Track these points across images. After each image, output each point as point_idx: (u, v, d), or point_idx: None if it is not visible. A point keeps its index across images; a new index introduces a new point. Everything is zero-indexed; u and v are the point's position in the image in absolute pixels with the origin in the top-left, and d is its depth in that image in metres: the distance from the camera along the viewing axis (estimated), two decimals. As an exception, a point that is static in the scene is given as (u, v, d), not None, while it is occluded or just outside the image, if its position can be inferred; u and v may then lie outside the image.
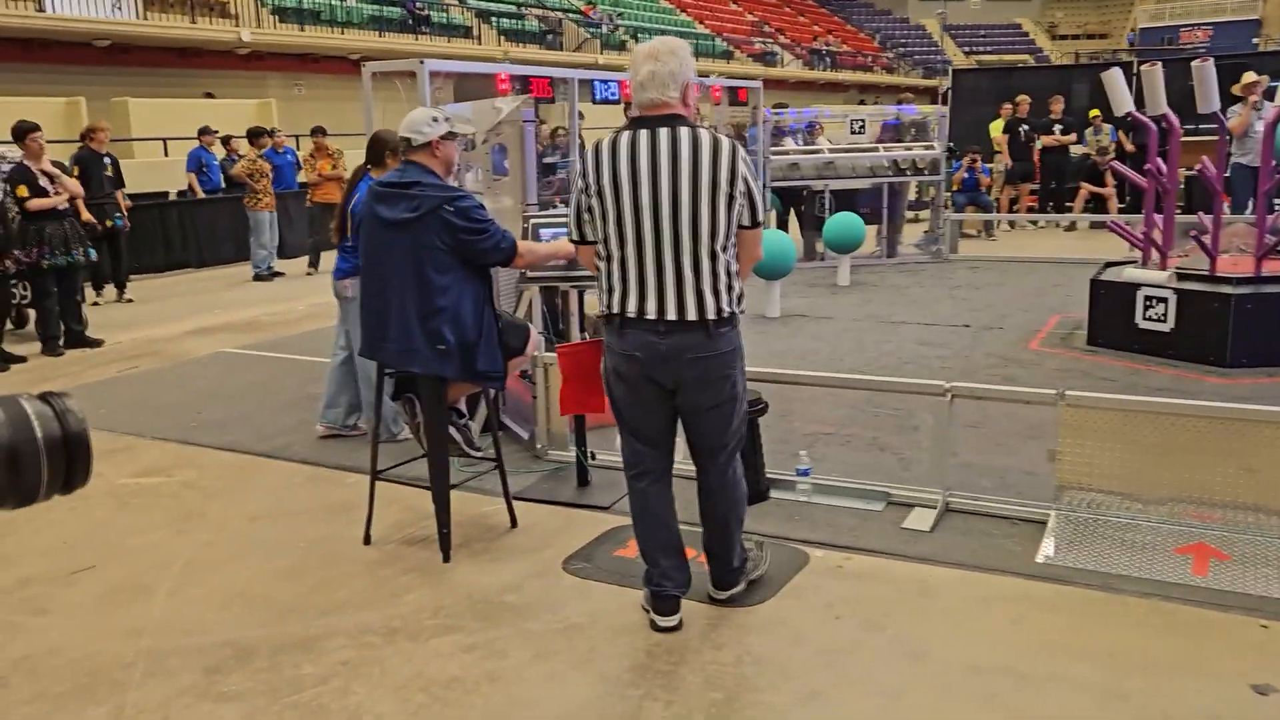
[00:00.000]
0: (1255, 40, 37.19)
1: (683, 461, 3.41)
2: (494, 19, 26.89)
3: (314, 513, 4.49)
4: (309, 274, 12.56)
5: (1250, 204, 9.69)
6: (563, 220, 4.52)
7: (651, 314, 3.07)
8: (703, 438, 3.28)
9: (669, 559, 3.31)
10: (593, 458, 4.66)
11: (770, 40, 37.66)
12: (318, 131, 12.48)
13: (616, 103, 9.14)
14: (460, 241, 3.72)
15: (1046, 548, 3.78)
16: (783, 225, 12.08)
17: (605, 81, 8.88)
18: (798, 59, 37.41)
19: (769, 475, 4.44)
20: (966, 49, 43.78)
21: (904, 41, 43.91)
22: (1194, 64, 6.44)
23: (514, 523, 4.20)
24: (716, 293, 3.06)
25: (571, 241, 3.34)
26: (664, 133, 3.04)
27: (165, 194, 13.98)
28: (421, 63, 6.00)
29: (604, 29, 29.92)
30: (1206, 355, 6.30)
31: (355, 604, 3.58)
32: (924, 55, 40.71)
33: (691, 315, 3.05)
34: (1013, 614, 3.36)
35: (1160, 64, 7.03)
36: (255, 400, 6.45)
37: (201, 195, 13.57)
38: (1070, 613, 3.36)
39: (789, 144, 12.48)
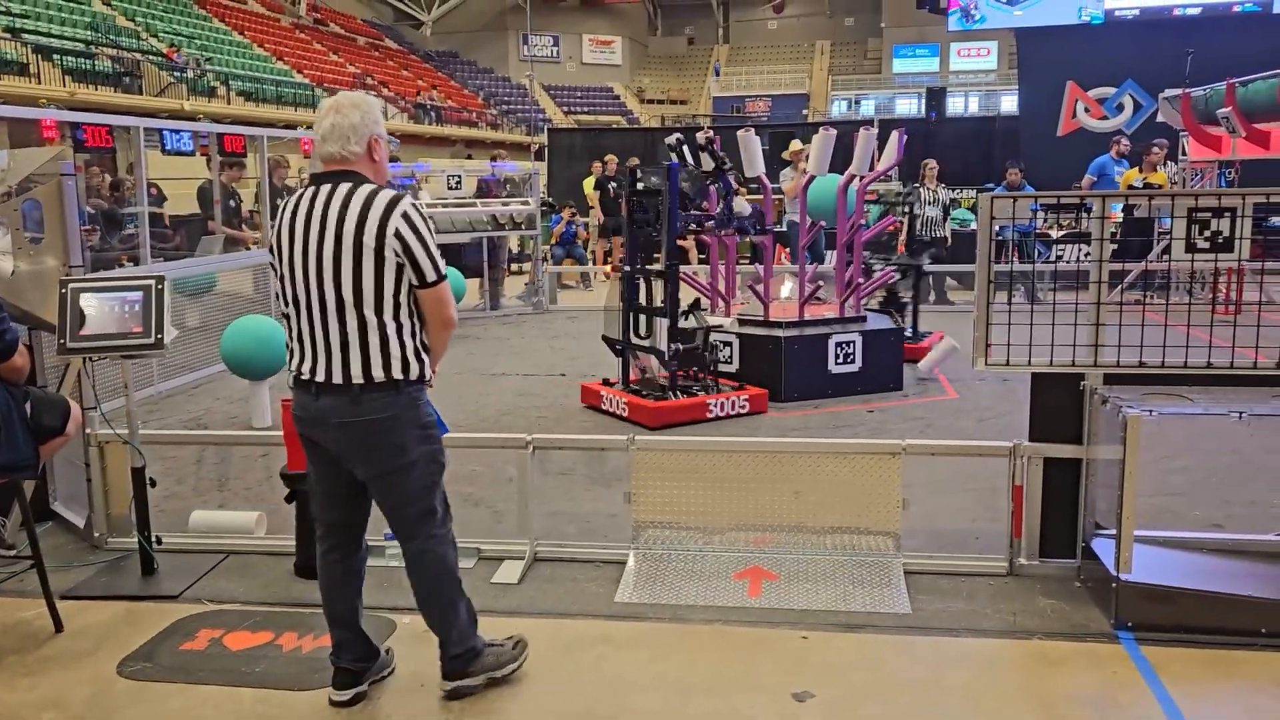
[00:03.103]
0: (804, 111, 42.77)
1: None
2: (57, 57, 24.15)
3: None
4: None
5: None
6: (112, 284, 4.10)
7: (305, 374, 2.99)
8: (379, 506, 3.14)
9: (340, 631, 3.18)
10: (159, 542, 4.24)
11: (374, 92, 37.28)
12: None
13: (190, 154, 8.58)
14: None
15: (625, 587, 3.98)
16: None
17: (176, 131, 8.29)
18: (403, 112, 37.35)
19: (358, 542, 4.29)
20: (565, 109, 46.14)
21: (507, 99, 45.40)
22: (739, 134, 7.25)
23: (58, 627, 3.69)
24: (367, 356, 2.92)
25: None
26: (325, 190, 2.94)
27: None
28: (-64, 105, 5.24)
29: (189, 74, 27.96)
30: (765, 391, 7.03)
31: None
32: (526, 113, 42.23)
33: (338, 379, 2.94)
34: (594, 655, 3.49)
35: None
36: None
37: None
38: (646, 647, 3.55)
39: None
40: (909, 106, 40.80)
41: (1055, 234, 12.49)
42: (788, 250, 12.63)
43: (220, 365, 7.36)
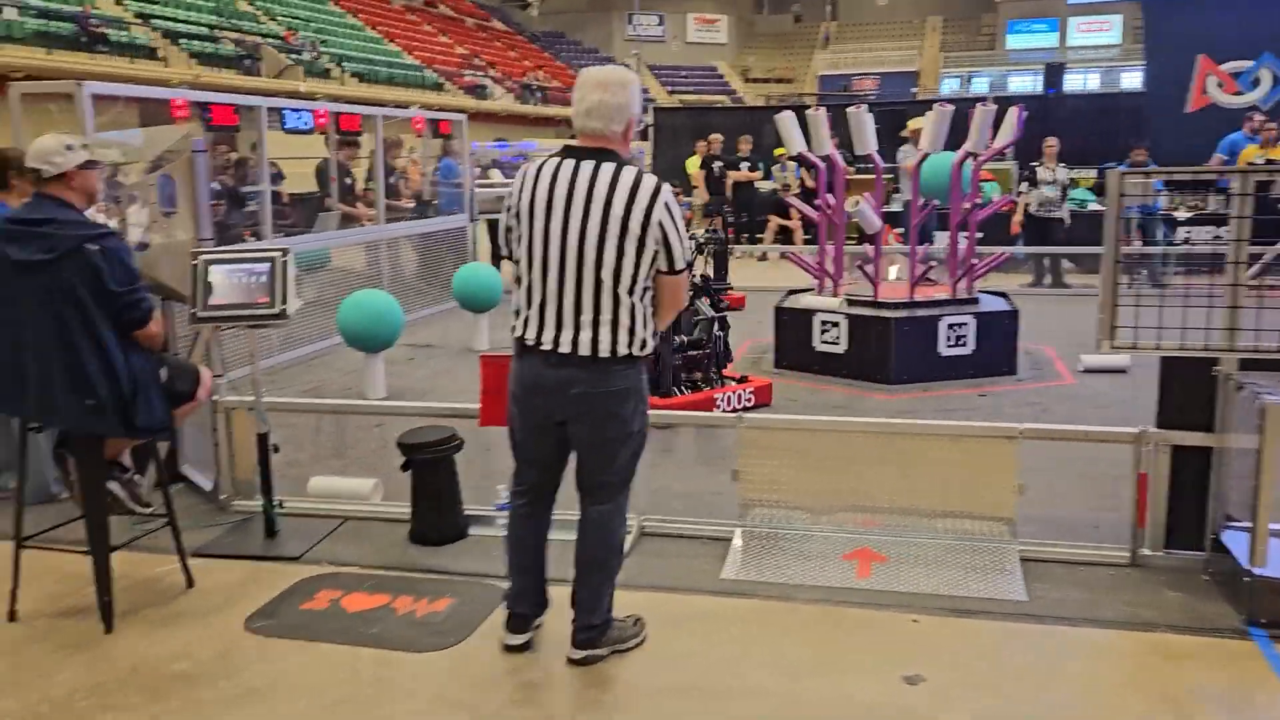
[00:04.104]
0: (914, 90, 41.74)
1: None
2: (183, 40, 25.16)
3: (-52, 590, 3.93)
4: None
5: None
6: (240, 257, 4.26)
7: (546, 344, 3.04)
8: (583, 472, 3.20)
9: (522, 579, 3.31)
10: (281, 505, 4.40)
11: (481, 73, 37.80)
12: None
13: (309, 132, 8.84)
14: (101, 287, 3.38)
15: (732, 564, 3.98)
16: (495, 258, 12.08)
17: (296, 110, 8.55)
18: (509, 93, 37.79)
19: (469, 512, 4.39)
20: (669, 88, 46.01)
21: (611, 79, 45.60)
22: (849, 111, 7.10)
23: (190, 583, 3.88)
24: (614, 332, 3.00)
25: (501, 257, 3.21)
26: (588, 165, 2.98)
27: None
28: (80, 85, 5.52)
29: (306, 56, 28.80)
30: (873, 373, 6.92)
31: (-7, 691, 3.16)
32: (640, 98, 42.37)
33: (583, 350, 3.00)
34: (701, 631, 3.50)
35: (824, 109, 7.69)
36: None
37: None
38: (753, 624, 3.54)
39: (496, 177, 12.57)
40: (1024, 83, 39.40)
41: (1181, 215, 11.93)
42: (897, 231, 12.38)
43: (335, 338, 7.58)
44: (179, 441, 4.97)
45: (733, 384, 6.48)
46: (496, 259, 12.15)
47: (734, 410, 6.16)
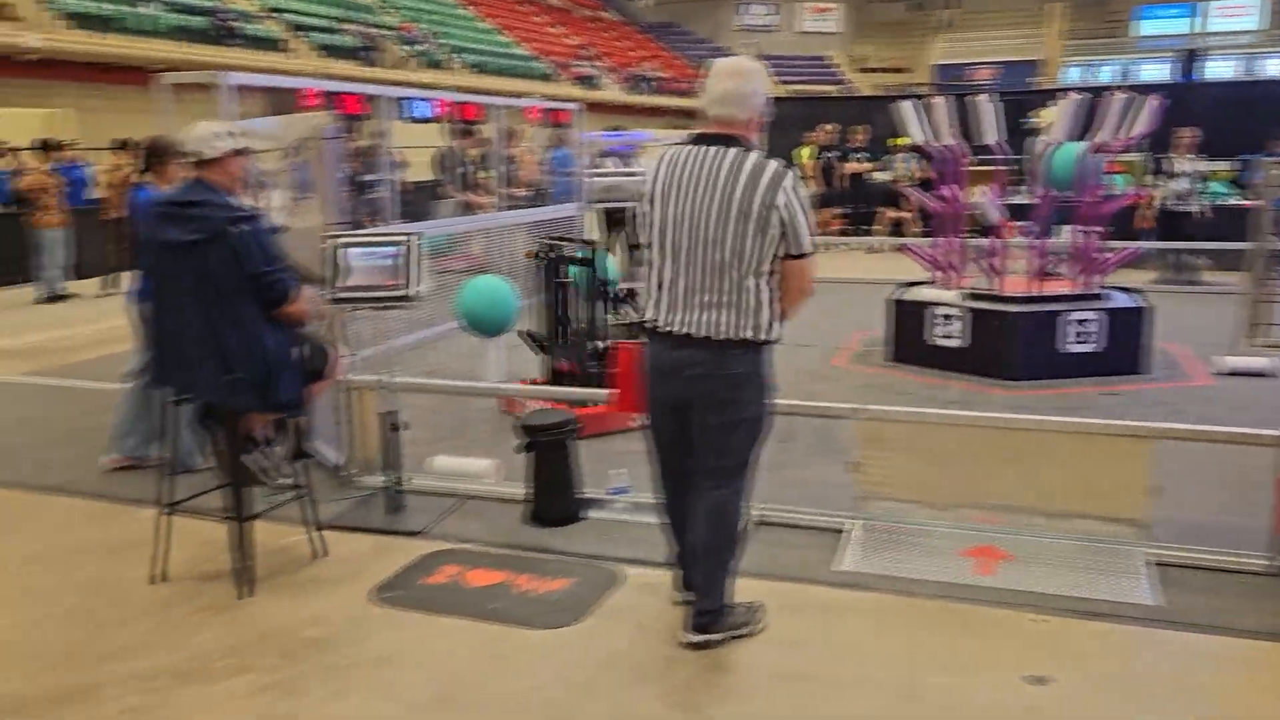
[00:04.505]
0: (1034, 79, 40.36)
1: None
2: (308, 33, 26.04)
3: (98, 551, 4.18)
4: (104, 295, 11.76)
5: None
6: (372, 240, 4.39)
7: (668, 326, 3.12)
8: (700, 454, 3.23)
9: (681, 540, 3.41)
10: (405, 482, 4.53)
11: (592, 64, 38.08)
12: (123, 145, 11.49)
13: (431, 121, 9.05)
14: (243, 267, 3.55)
15: (848, 556, 3.94)
16: (606, 246, 12.16)
17: (419, 100, 8.76)
18: (619, 83, 37.97)
19: (584, 495, 4.45)
20: (779, 78, 45.53)
21: (721, 69, 45.38)
22: (971, 99, 6.92)
23: (320, 552, 4.04)
24: (734, 316, 3.05)
25: (632, 246, 3.36)
26: (713, 151, 3.05)
27: (-62, 210, 12.81)
28: (221, 75, 5.75)
29: (424, 47, 29.48)
30: (993, 369, 6.74)
31: (142, 647, 3.34)
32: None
33: (701, 332, 3.07)
34: (818, 621, 3.48)
35: (945, 97, 7.50)
36: (34, 431, 5.96)
37: (-19, 211, 12.48)
38: (871, 617, 3.50)
39: (609, 165, 12.64)
40: (1154, 72, 37.75)
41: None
42: (1017, 224, 12.00)
43: (452, 323, 7.75)
44: (310, 417, 5.15)
45: None
46: (607, 247, 12.26)
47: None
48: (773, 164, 3.03)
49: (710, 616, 3.25)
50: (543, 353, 6.24)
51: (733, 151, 3.03)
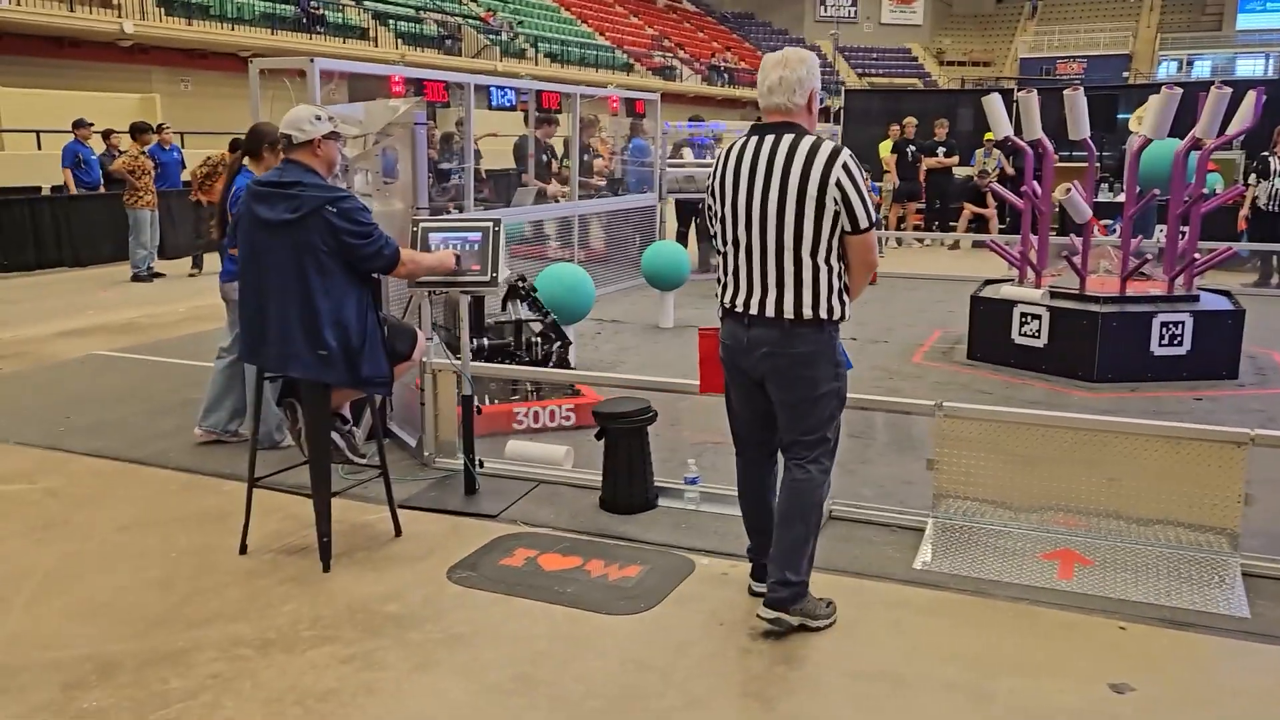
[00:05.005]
0: (1125, 74, 39.20)
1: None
2: (391, 22, 26.45)
3: (188, 521, 4.32)
4: (192, 275, 12.14)
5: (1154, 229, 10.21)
6: (455, 225, 4.46)
7: (740, 307, 3.26)
8: (782, 429, 3.35)
9: (756, 538, 3.52)
10: (481, 466, 4.60)
11: (669, 54, 38.02)
12: (235, 146, 11.78)
13: (513, 109, 9.15)
14: (342, 244, 3.64)
15: (924, 554, 3.89)
16: (681, 237, 12.19)
17: (502, 88, 8.86)
18: (696, 74, 37.85)
19: (658, 484, 4.47)
20: (859, 70, 44.90)
21: (800, 61, 44.92)
22: (1065, 93, 6.75)
23: (398, 531, 4.12)
24: (800, 295, 3.16)
25: (709, 238, 3.47)
26: (770, 139, 3.18)
27: (38, 189, 13.32)
28: (311, 61, 5.87)
29: (503, 36, 29.74)
30: (1076, 370, 6.59)
31: (228, 615, 3.45)
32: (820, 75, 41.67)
33: (771, 312, 3.19)
34: (891, 619, 3.44)
35: (1035, 91, 7.33)
36: (129, 405, 6.18)
37: (76, 191, 12.96)
38: (945, 617, 3.46)
39: (688, 156, 12.62)
40: (1253, 67, 36.41)
41: None
42: (1103, 223, 11.71)
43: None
44: (391, 398, 5.26)
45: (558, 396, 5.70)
46: (684, 237, 12.27)
47: (544, 429, 5.48)
48: (827, 144, 3.14)
49: (788, 591, 3.24)
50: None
51: (789, 137, 3.16)
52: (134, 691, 2.98)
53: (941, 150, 14.75)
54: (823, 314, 3.17)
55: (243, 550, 3.96)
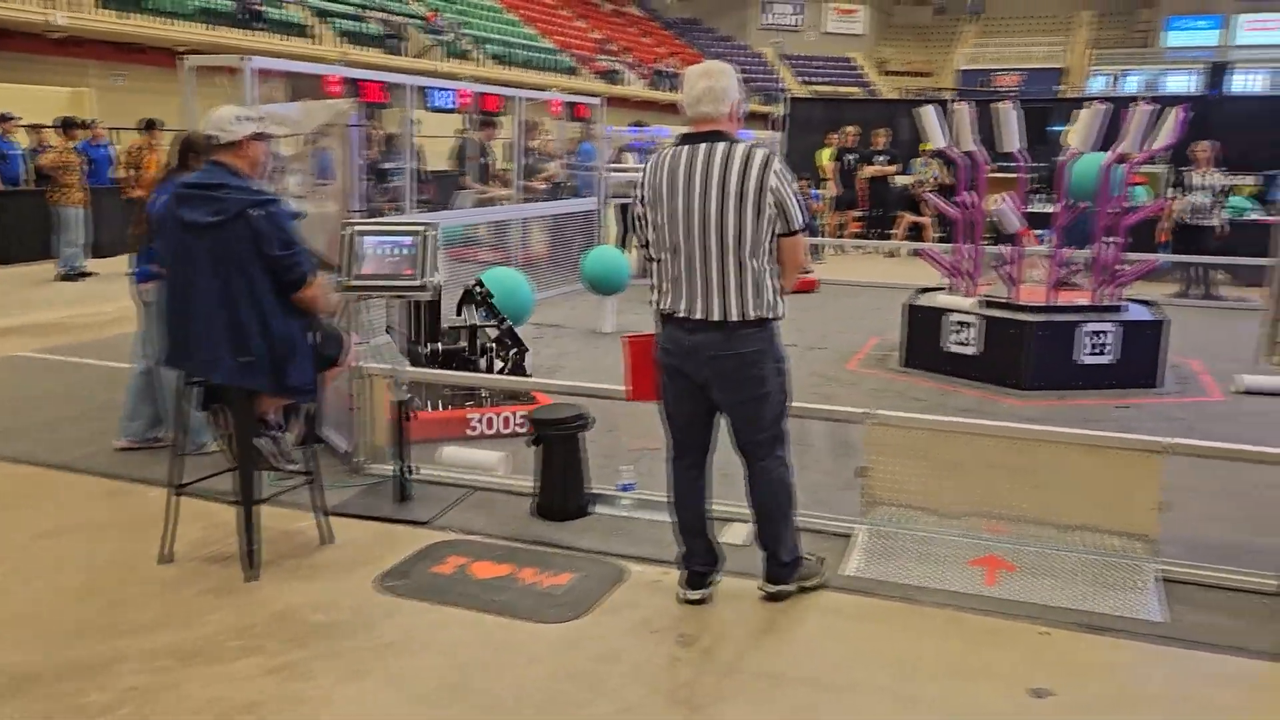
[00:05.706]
0: (1058, 88, 40.14)
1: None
2: (333, 19, 26.10)
3: (110, 529, 4.22)
4: (125, 274, 11.84)
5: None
6: (390, 229, 4.42)
7: (682, 313, 3.34)
8: (734, 431, 3.49)
9: (690, 540, 3.60)
10: (414, 472, 4.56)
11: (614, 58, 38.06)
12: (150, 125, 11.50)
13: (453, 111, 9.08)
14: (260, 250, 3.57)
15: (854, 561, 3.94)
16: (621, 242, 12.19)
17: (442, 90, 8.79)
18: (641, 79, 37.94)
19: (593, 490, 4.46)
20: (803, 79, 45.40)
21: (745, 68, 45.24)
22: (995, 106, 6.89)
23: (327, 539, 4.06)
24: (742, 298, 3.27)
25: (640, 247, 3.56)
26: (702, 148, 3.27)
27: (-44, 184, 12.92)
28: (244, 59, 5.78)
29: (447, 37, 29.51)
30: (1007, 378, 6.72)
31: (150, 626, 3.37)
32: (763, 82, 41.97)
33: (715, 316, 3.29)
34: (823, 625, 3.48)
35: (968, 103, 7.47)
36: (51, 409, 6.01)
37: (-2, 187, 12.57)
38: (875, 622, 3.51)
39: (630, 161, 12.64)
40: (1181, 83, 37.49)
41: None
42: (1035, 233, 11.95)
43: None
44: (320, 404, 5.18)
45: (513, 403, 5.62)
46: (625, 243, 12.28)
47: (497, 435, 5.43)
48: (759, 151, 3.25)
49: (785, 569, 3.59)
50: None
51: (722, 145, 3.26)
52: (50, 705, 2.90)
53: (881, 159, 14.94)
54: (765, 313, 3.30)
55: (167, 559, 3.87)
